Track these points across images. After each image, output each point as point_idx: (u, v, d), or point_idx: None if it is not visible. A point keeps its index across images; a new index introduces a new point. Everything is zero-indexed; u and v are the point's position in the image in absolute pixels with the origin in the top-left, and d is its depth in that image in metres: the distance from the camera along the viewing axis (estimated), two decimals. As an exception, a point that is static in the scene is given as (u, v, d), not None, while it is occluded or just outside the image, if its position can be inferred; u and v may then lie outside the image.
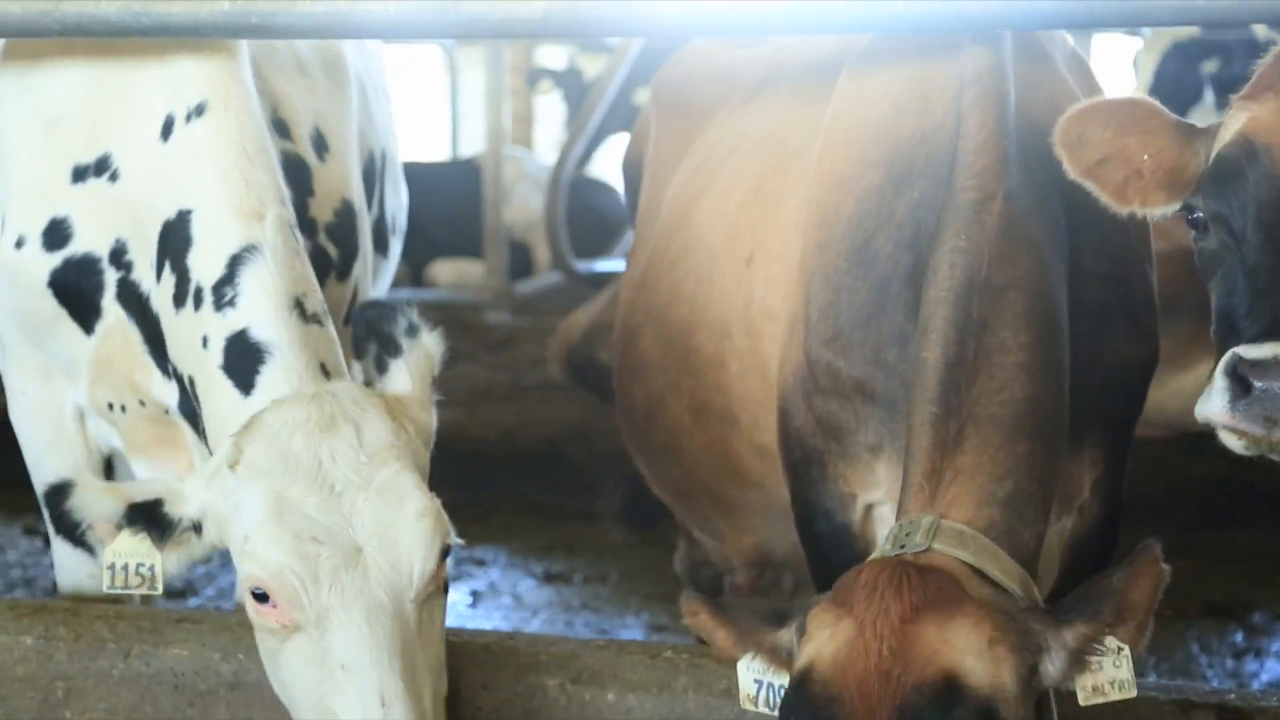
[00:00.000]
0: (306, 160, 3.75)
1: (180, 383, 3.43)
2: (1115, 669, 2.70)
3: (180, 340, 3.39)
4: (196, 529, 3.11)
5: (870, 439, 3.35)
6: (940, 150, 3.25)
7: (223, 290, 3.29)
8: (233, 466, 3.04)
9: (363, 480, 3.01)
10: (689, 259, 4.05)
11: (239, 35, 3.46)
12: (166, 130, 3.46)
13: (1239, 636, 6.20)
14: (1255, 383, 2.67)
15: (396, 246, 4.47)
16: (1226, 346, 2.77)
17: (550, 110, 15.03)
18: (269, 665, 3.08)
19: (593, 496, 7.77)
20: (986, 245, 3.04)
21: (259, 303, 3.26)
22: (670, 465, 4.28)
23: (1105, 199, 2.98)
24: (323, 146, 3.81)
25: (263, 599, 2.96)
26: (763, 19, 3.26)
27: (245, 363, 3.24)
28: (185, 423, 3.54)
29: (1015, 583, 2.76)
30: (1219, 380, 2.72)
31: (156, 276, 3.45)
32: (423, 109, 14.34)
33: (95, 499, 3.08)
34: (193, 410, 3.41)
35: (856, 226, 3.39)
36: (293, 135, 3.74)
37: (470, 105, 12.75)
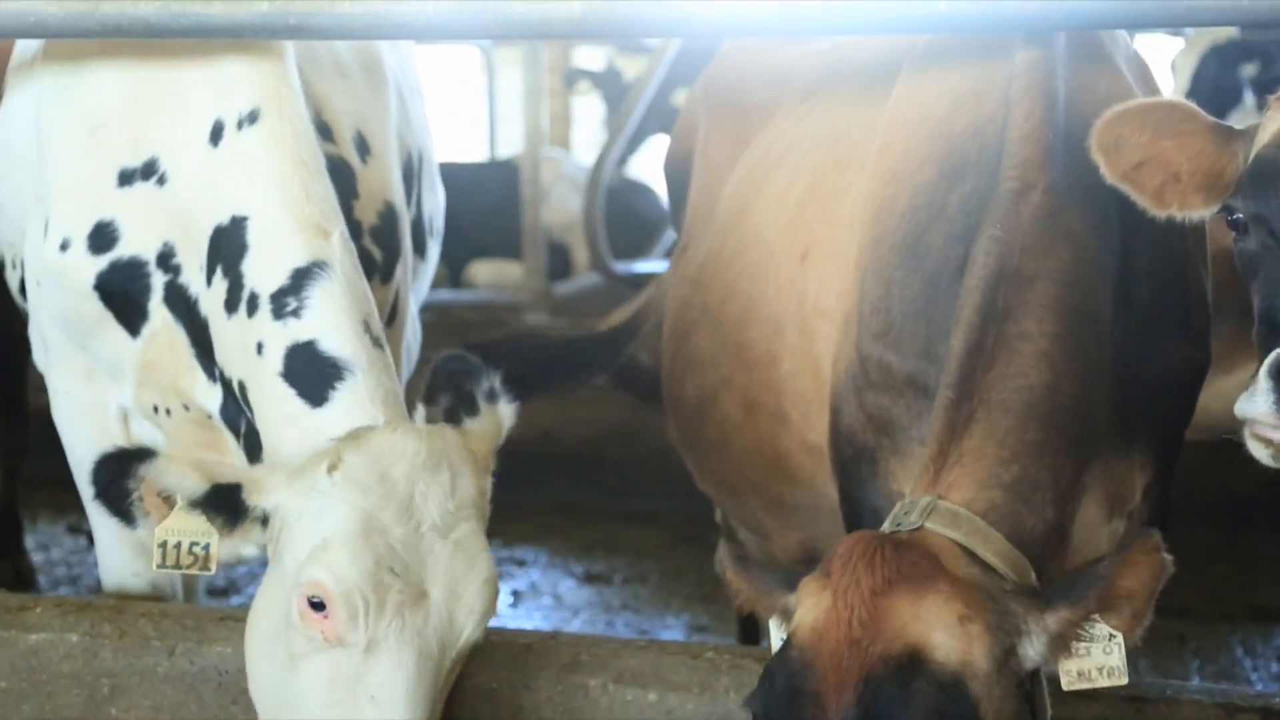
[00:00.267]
0: (350, 163, 3.75)
1: (226, 388, 3.44)
2: (1105, 655, 2.70)
3: (230, 345, 3.40)
4: (263, 521, 3.11)
5: (922, 434, 3.35)
6: (991, 143, 3.25)
7: (284, 300, 3.30)
8: (330, 470, 3.04)
9: (445, 528, 3.05)
10: (745, 255, 4.05)
11: (277, 36, 3.46)
12: (216, 135, 3.47)
13: (1284, 640, 6.17)
14: None
15: (434, 248, 4.48)
16: (1269, 347, 2.76)
17: (588, 111, 15.04)
18: (278, 663, 3.07)
19: (634, 497, 7.79)
20: (1020, 236, 3.06)
21: (333, 319, 3.28)
22: (719, 461, 4.28)
23: (1143, 202, 2.97)
24: (365, 149, 3.82)
25: (318, 607, 2.96)
26: (801, 19, 3.26)
27: (315, 375, 3.25)
28: (226, 429, 3.55)
29: (1008, 566, 2.77)
30: (1263, 381, 2.70)
31: (207, 280, 3.46)
32: (460, 110, 14.36)
33: (179, 474, 3.08)
34: (235, 416, 3.42)
35: (910, 221, 3.39)
36: (335, 138, 3.75)
37: (508, 106, 12.77)
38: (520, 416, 3.41)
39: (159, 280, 3.55)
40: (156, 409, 3.71)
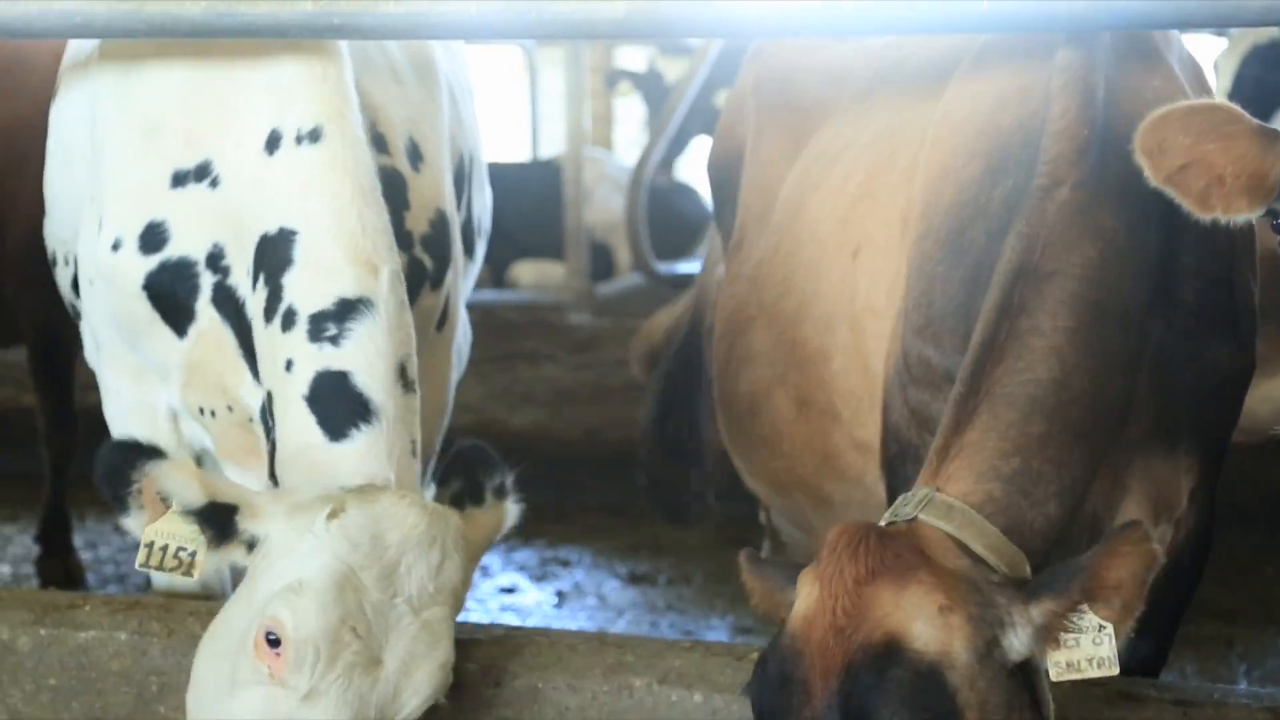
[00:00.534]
0: (403, 173, 3.75)
1: (267, 393, 3.46)
2: (1095, 646, 2.69)
3: (264, 354, 3.42)
4: (250, 545, 3.15)
5: None
6: (1034, 139, 3.25)
7: (324, 324, 3.31)
8: (330, 517, 3.07)
9: (419, 605, 3.09)
10: (800, 253, 4.06)
11: (321, 36, 3.46)
12: (272, 144, 3.47)
13: (1332, 643, 6.12)
14: None
15: (481, 248, 4.48)
16: None
17: (630, 111, 15.05)
18: (220, 682, 3.11)
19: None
20: (1045, 231, 3.06)
21: (369, 358, 3.29)
22: (770, 458, 4.28)
23: (1187, 205, 2.95)
24: (418, 157, 3.82)
25: (274, 644, 3.00)
26: (844, 19, 3.25)
27: (340, 409, 3.26)
28: (263, 434, 3.57)
29: (1000, 559, 2.77)
30: None
31: (252, 285, 3.48)
32: (502, 110, 14.39)
33: (181, 482, 3.11)
34: (268, 424, 3.43)
35: (954, 216, 3.40)
36: (390, 149, 3.75)
37: (550, 106, 12.78)
38: (564, 417, 3.42)
39: (208, 281, 3.57)
40: (202, 411, 3.73)
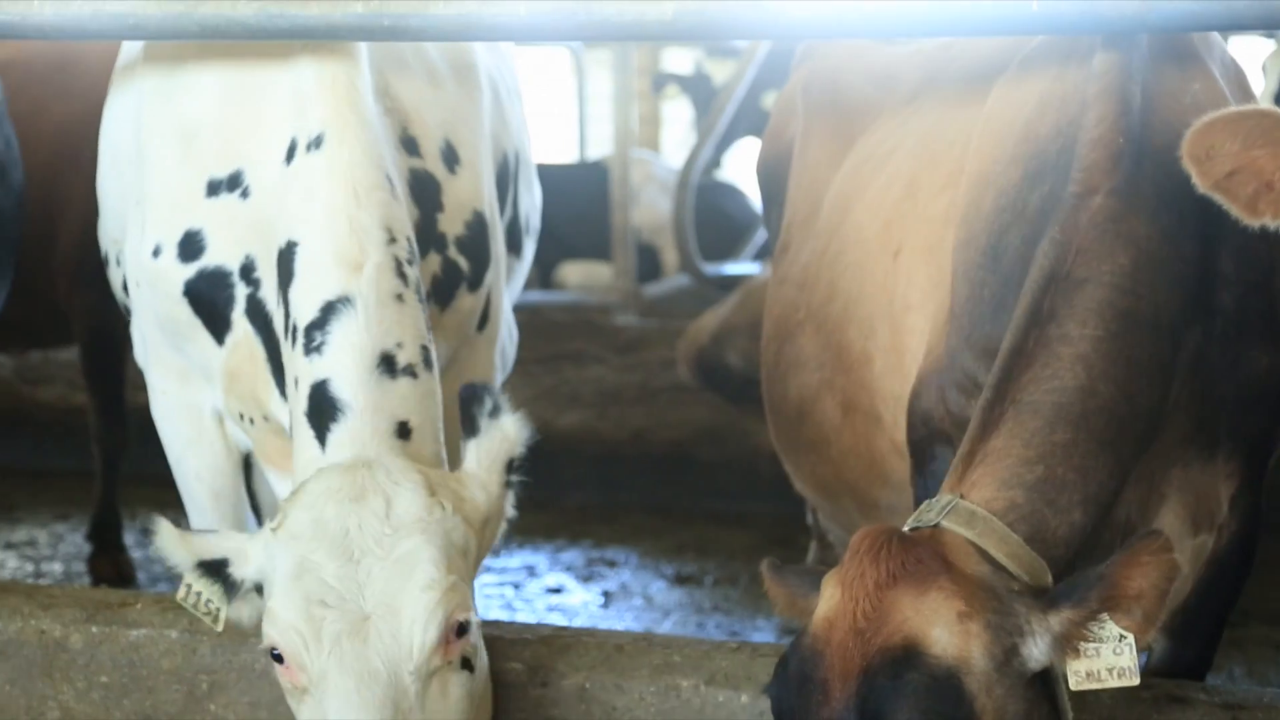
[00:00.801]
0: (436, 175, 3.75)
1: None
2: (1115, 656, 2.68)
3: (287, 372, 3.44)
4: (259, 589, 3.17)
5: None
6: (1071, 146, 3.23)
7: (312, 334, 3.34)
8: (275, 531, 3.11)
9: (383, 551, 3.06)
10: (846, 256, 4.05)
11: (373, 38, 3.48)
12: (290, 154, 3.49)
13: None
14: None
15: (530, 246, 4.49)
16: None
17: (677, 113, 15.06)
18: None
19: (724, 499, 7.78)
20: (1076, 239, 3.04)
21: (342, 357, 3.30)
22: (818, 462, 4.28)
23: (1236, 211, 2.93)
24: (453, 159, 3.82)
25: (279, 659, 3.02)
26: (893, 20, 3.23)
27: (322, 417, 3.29)
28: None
29: (1021, 567, 2.76)
30: None
31: (277, 300, 3.50)
32: (550, 111, 14.42)
33: (171, 547, 3.17)
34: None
35: (993, 222, 3.39)
36: (422, 151, 3.74)
37: (597, 108, 12.80)
38: (610, 418, 3.41)
39: (241, 292, 3.59)
40: (242, 416, 3.75)
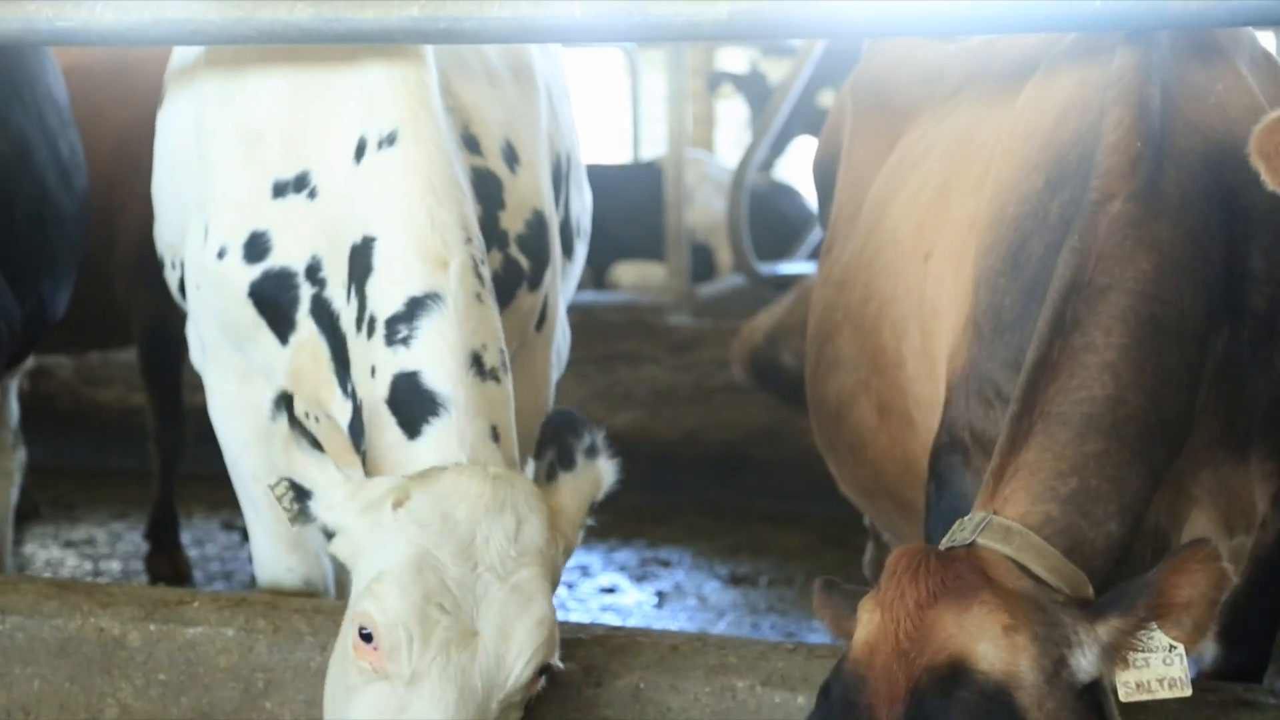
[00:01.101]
0: (498, 174, 3.77)
1: (356, 406, 3.49)
2: (1166, 666, 2.64)
3: (357, 364, 3.46)
4: (328, 534, 3.18)
5: None
6: (1091, 152, 3.21)
7: (396, 326, 3.35)
8: (395, 506, 3.10)
9: (504, 571, 3.07)
10: (882, 257, 4.04)
11: (427, 40, 3.49)
12: (359, 152, 3.51)
13: None
14: None
15: (581, 249, 4.49)
16: None
17: (731, 113, 15.04)
18: (338, 694, 3.13)
19: (779, 499, 7.77)
20: (1096, 246, 3.01)
21: (437, 353, 3.31)
22: (856, 465, 4.27)
23: None
24: (514, 158, 3.84)
25: (367, 638, 3.01)
26: (951, 18, 3.21)
27: (414, 407, 3.30)
28: (352, 442, 3.60)
29: (1062, 580, 2.72)
30: None
31: (346, 297, 3.52)
32: (604, 112, 14.43)
33: (282, 444, 3.19)
34: (358, 435, 3.46)
35: (1016, 229, 3.37)
36: (484, 150, 3.76)
37: (651, 108, 12.81)
38: (664, 418, 3.42)
39: (306, 292, 3.60)
40: (306, 415, 3.76)
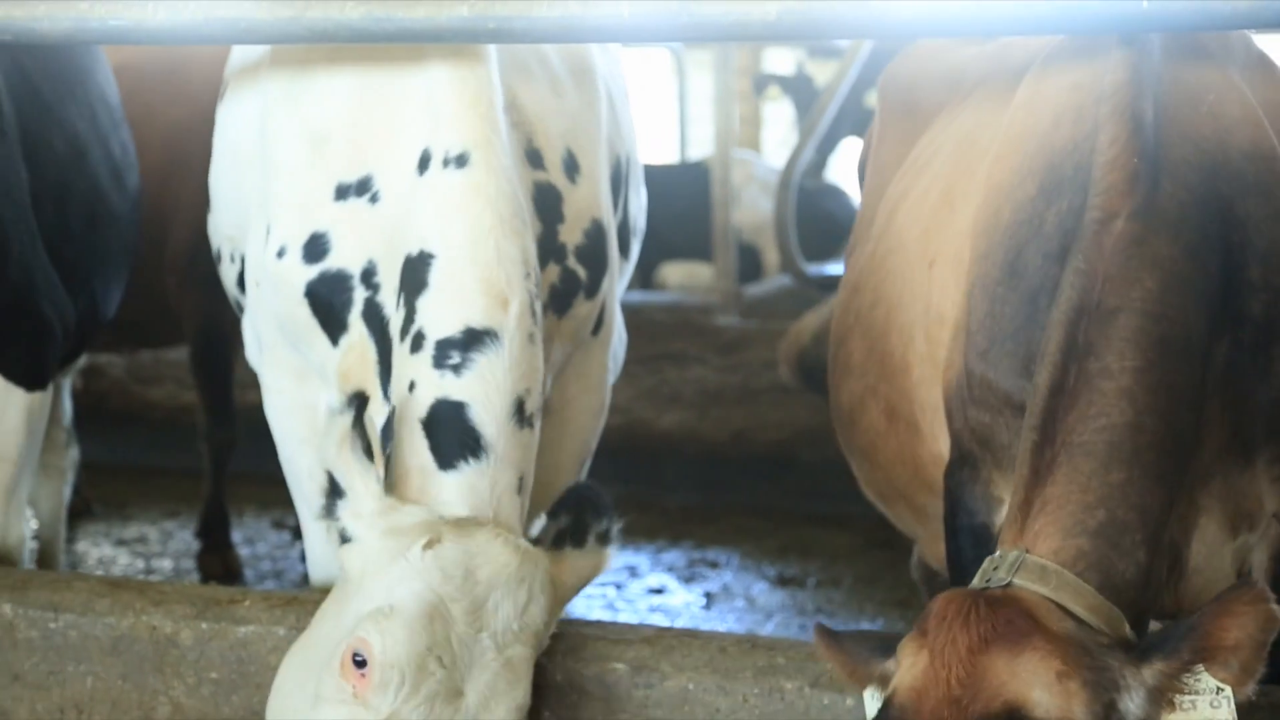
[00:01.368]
0: (558, 187, 3.78)
1: (390, 412, 3.51)
2: (1213, 709, 2.62)
3: (397, 372, 3.48)
4: (344, 538, 3.22)
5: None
6: (1086, 161, 3.19)
7: (449, 351, 3.37)
8: (426, 547, 3.14)
9: (503, 642, 3.15)
10: (890, 261, 4.03)
11: (477, 39, 3.49)
12: (423, 164, 3.52)
13: None
14: None
15: (636, 247, 4.52)
16: None
17: (778, 113, 15.03)
18: (301, 695, 3.17)
19: (827, 500, 7.75)
20: (1102, 267, 2.99)
21: (486, 392, 3.34)
22: (870, 468, 4.27)
23: None
24: (574, 169, 3.84)
25: (360, 664, 3.05)
26: (999, 18, 3.19)
27: (451, 439, 3.32)
28: (379, 448, 3.61)
29: (1101, 619, 2.71)
30: None
31: (395, 304, 3.53)
32: (651, 112, 14.45)
33: (333, 441, 3.22)
34: (386, 440, 3.46)
35: (1011, 237, 3.35)
36: (546, 164, 3.77)
37: (698, 108, 12.81)
38: (711, 418, 3.44)
39: (360, 295, 3.62)
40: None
